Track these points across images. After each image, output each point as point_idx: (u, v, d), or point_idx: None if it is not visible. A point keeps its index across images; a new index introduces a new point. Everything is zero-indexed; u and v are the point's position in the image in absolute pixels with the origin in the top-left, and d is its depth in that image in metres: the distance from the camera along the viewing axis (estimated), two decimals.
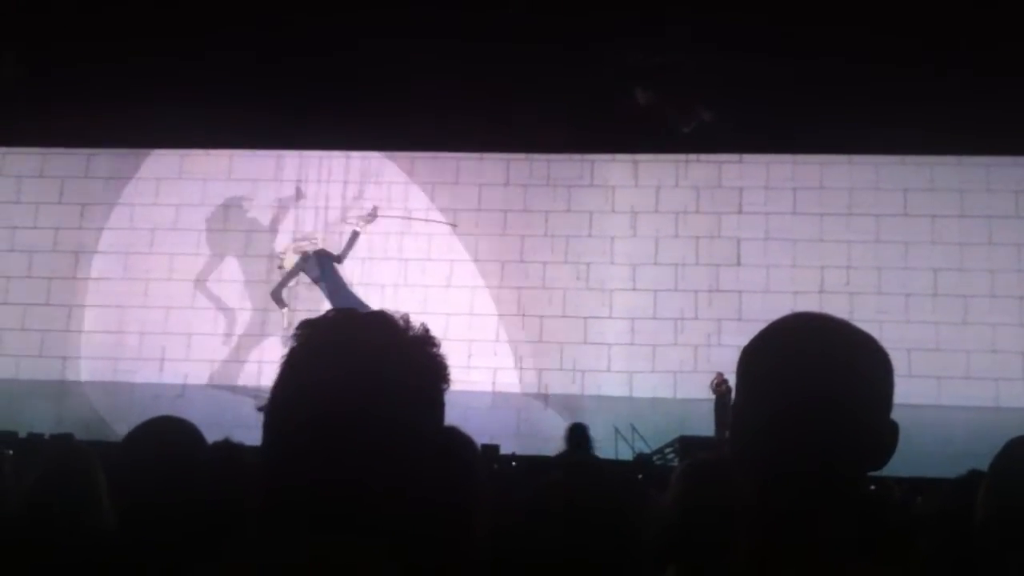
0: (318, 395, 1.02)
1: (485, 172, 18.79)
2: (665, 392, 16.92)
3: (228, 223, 19.14)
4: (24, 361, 18.61)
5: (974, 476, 2.10)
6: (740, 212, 17.91)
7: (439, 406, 1.09)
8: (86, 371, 18.53)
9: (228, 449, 2.61)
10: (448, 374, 1.10)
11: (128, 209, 19.21)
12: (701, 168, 18.04)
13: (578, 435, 7.47)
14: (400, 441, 1.03)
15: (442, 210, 18.74)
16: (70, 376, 18.45)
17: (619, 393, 17.16)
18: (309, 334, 1.07)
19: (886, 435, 1.09)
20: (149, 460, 2.06)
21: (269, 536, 1.01)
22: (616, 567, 2.52)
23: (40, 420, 14.33)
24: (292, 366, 1.06)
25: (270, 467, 1.05)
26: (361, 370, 1.03)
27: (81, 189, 19.26)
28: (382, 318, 1.09)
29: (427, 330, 1.11)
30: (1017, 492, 1.73)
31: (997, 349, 16.93)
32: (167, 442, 2.12)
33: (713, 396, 13.96)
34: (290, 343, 1.07)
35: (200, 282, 18.89)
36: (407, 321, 1.10)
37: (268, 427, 1.06)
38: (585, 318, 18.07)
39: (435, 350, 1.10)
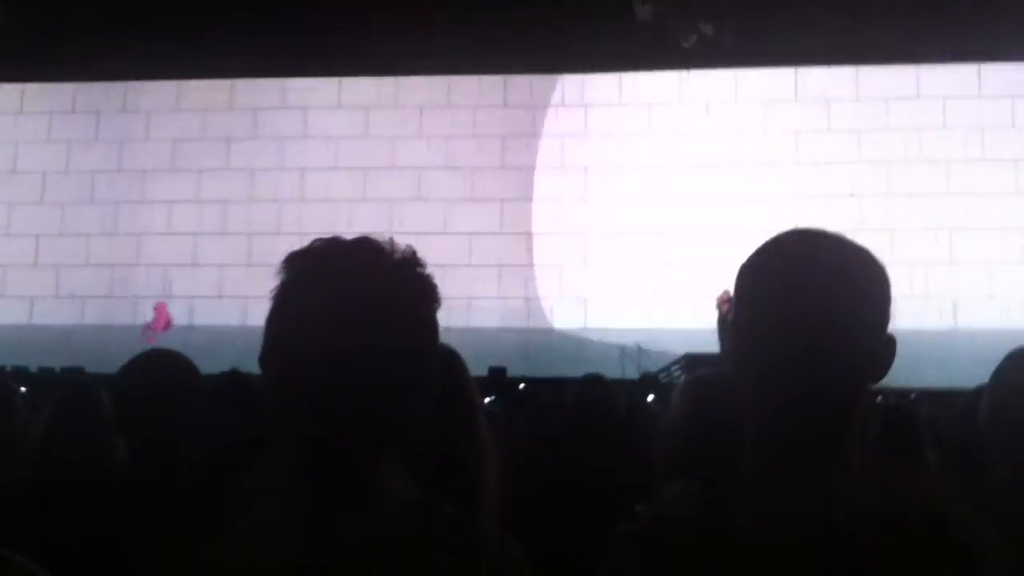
0: (312, 325, 1.02)
1: (481, 94, 18.45)
2: None
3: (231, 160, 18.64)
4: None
5: (980, 389, 2.14)
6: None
7: (433, 324, 1.10)
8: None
9: (235, 379, 2.64)
10: (438, 294, 1.10)
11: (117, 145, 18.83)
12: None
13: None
14: (398, 361, 1.04)
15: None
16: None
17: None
18: (297, 265, 1.07)
19: (884, 348, 1.10)
20: (143, 391, 2.07)
21: (278, 466, 1.03)
22: (626, 481, 2.56)
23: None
24: (283, 298, 1.06)
25: (271, 399, 1.06)
26: (352, 296, 1.03)
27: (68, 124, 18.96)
28: (367, 243, 1.09)
29: (414, 252, 1.11)
30: (1017, 397, 1.77)
31: None
32: (160, 373, 2.13)
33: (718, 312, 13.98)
34: (279, 276, 1.07)
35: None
36: (392, 244, 1.09)
37: (265, 360, 1.06)
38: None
39: (422, 270, 1.10)
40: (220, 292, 17.65)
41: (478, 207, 18.20)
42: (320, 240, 1.10)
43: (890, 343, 1.11)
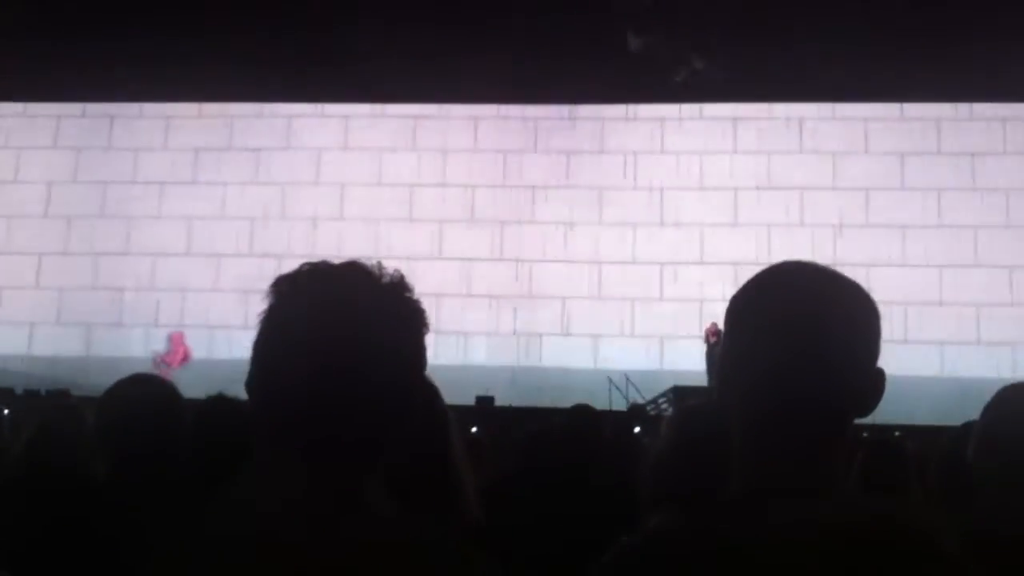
0: (296, 350, 1.03)
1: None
2: None
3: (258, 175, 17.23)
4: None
5: (969, 425, 2.15)
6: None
7: (420, 349, 1.10)
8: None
9: (222, 402, 2.63)
10: (425, 318, 1.11)
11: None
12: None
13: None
14: (383, 385, 1.04)
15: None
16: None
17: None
18: (283, 290, 1.07)
19: (873, 382, 1.10)
20: (128, 413, 2.14)
21: (266, 479, 1.03)
22: (613, 507, 2.55)
23: None
24: (272, 323, 1.06)
25: (258, 421, 1.06)
26: (337, 320, 1.04)
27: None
28: (356, 268, 1.10)
29: (402, 276, 1.11)
30: (1007, 434, 1.78)
31: None
32: (145, 395, 2.21)
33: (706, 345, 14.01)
34: (268, 300, 1.07)
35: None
36: (380, 268, 1.10)
37: (251, 385, 1.06)
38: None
39: (410, 295, 1.10)
40: (245, 322, 14.77)
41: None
42: (308, 264, 1.10)
43: (879, 377, 1.11)
